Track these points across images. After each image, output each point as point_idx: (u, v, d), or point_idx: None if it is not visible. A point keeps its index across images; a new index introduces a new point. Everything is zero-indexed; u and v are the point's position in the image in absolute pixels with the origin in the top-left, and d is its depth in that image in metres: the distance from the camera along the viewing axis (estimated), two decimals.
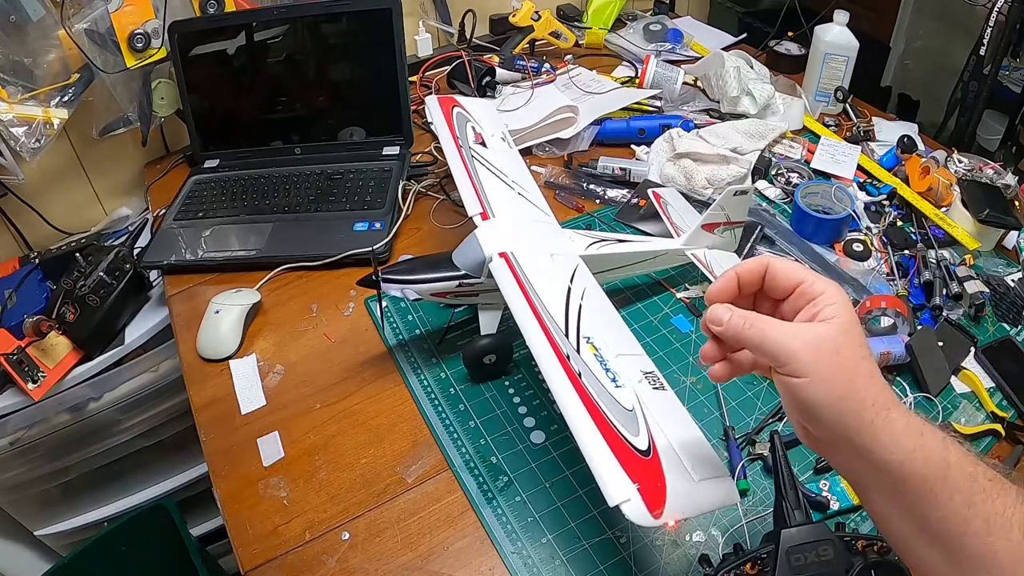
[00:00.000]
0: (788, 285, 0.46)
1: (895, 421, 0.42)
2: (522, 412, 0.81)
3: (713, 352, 0.49)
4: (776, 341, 0.44)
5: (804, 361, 0.43)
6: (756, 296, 0.50)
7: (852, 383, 0.43)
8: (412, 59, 1.49)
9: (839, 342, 0.43)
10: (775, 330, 0.44)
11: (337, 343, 0.92)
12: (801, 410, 0.44)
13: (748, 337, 0.45)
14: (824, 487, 0.70)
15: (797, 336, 0.44)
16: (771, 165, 1.15)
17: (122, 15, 1.08)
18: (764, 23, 1.61)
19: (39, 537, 1.19)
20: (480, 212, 0.85)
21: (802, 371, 0.43)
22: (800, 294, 0.46)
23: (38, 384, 0.99)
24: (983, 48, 1.17)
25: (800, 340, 0.43)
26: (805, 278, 0.46)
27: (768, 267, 0.47)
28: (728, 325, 0.46)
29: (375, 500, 0.74)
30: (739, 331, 0.46)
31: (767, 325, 0.45)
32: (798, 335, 0.44)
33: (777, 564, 0.55)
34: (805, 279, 0.46)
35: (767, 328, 0.45)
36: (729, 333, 0.46)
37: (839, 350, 0.43)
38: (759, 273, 0.47)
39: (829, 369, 0.43)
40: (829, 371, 0.43)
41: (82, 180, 1.28)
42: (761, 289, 0.48)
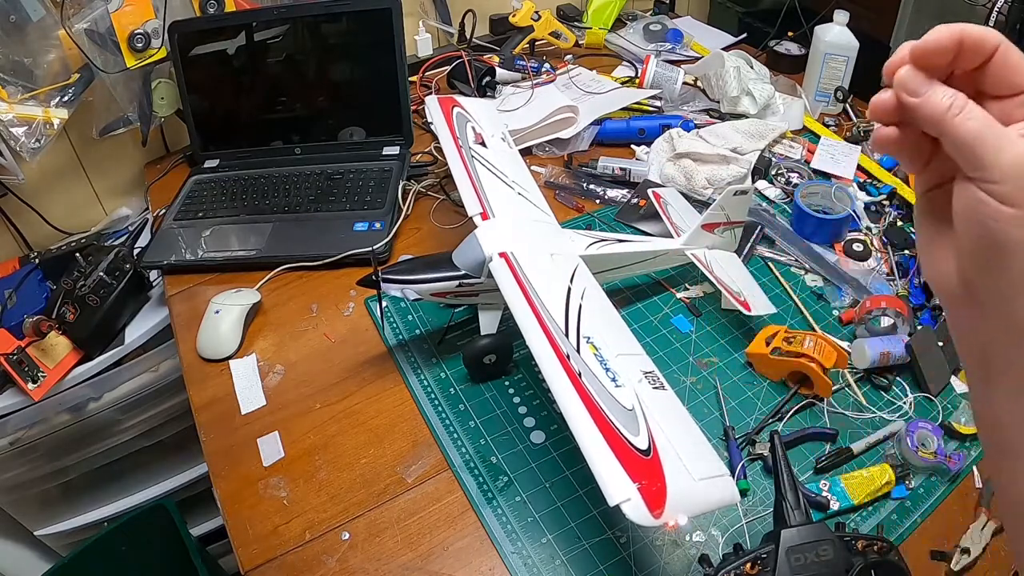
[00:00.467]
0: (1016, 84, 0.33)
1: None
2: (522, 412, 0.81)
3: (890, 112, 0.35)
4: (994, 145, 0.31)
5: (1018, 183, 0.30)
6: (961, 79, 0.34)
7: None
8: (412, 59, 1.49)
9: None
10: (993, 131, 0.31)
11: (337, 343, 0.92)
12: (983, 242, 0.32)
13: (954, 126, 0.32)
14: (824, 487, 0.70)
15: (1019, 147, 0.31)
16: (771, 165, 1.15)
17: (122, 15, 1.08)
18: (764, 23, 1.61)
19: (39, 537, 1.19)
20: (480, 212, 0.85)
21: (1012, 198, 0.30)
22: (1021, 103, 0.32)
23: (38, 384, 0.99)
24: None
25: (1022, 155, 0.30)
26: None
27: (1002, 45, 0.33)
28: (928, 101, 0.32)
29: (375, 500, 0.74)
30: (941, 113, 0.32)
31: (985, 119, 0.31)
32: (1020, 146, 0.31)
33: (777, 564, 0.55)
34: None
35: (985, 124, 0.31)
36: (924, 112, 0.32)
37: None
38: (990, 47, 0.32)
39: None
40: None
41: (82, 180, 1.28)
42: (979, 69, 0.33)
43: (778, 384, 0.83)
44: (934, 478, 0.73)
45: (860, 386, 0.82)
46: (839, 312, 0.92)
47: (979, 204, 0.32)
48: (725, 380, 0.83)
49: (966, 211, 0.33)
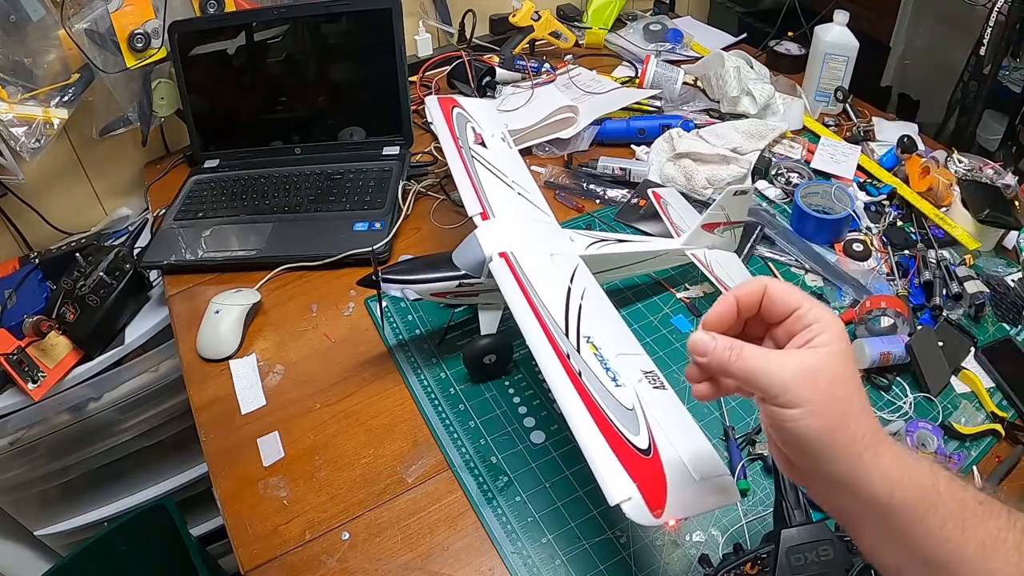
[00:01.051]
0: (785, 309, 0.44)
1: (883, 454, 0.41)
2: (522, 412, 0.81)
3: (697, 375, 0.46)
4: (765, 371, 0.42)
5: (796, 392, 0.41)
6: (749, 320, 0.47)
7: (844, 415, 0.41)
8: (412, 59, 1.49)
9: (833, 373, 0.42)
10: (764, 360, 0.42)
11: (337, 343, 0.92)
12: (788, 442, 0.43)
13: (735, 369, 0.43)
14: None
15: (788, 366, 0.42)
16: (771, 165, 1.15)
17: (122, 15, 1.08)
18: (764, 23, 1.61)
19: (39, 537, 1.19)
20: (480, 212, 0.85)
21: (793, 402, 0.41)
22: (796, 318, 0.44)
23: (38, 384, 0.99)
24: (983, 48, 1.17)
25: (791, 371, 0.41)
26: (802, 303, 0.44)
27: (766, 290, 0.45)
28: (713, 356, 0.44)
29: (375, 500, 0.74)
30: (724, 363, 0.44)
31: (755, 355, 0.43)
32: (789, 365, 0.42)
33: (777, 564, 0.55)
34: (802, 304, 0.44)
35: (755, 358, 0.43)
36: (714, 365, 0.44)
37: (833, 381, 0.42)
38: (758, 296, 0.45)
39: (822, 401, 0.41)
40: (822, 403, 0.41)
41: (82, 180, 1.28)
42: (757, 313, 0.46)
43: None
44: None
45: None
46: (839, 312, 0.92)
47: (772, 415, 0.42)
48: None
49: (770, 423, 0.43)
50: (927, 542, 0.40)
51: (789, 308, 0.44)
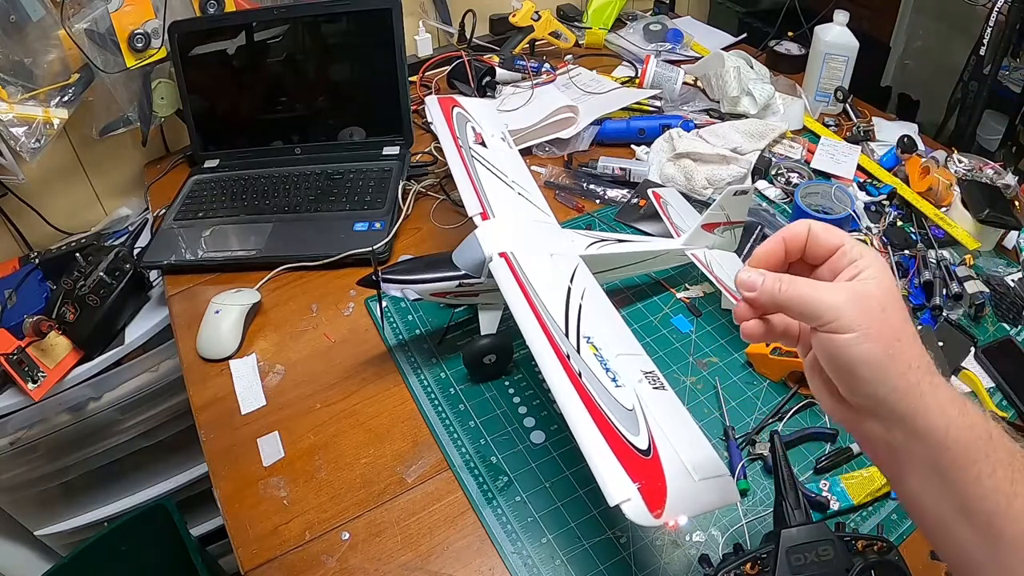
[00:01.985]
0: (828, 247, 0.44)
1: (939, 387, 0.41)
2: (522, 412, 0.81)
3: (747, 312, 0.46)
4: (818, 298, 0.42)
5: (850, 316, 0.40)
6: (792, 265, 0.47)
7: (899, 342, 0.41)
8: (412, 59, 1.49)
9: (884, 300, 0.41)
10: (816, 288, 0.42)
11: (337, 343, 0.92)
12: (843, 369, 0.42)
13: (786, 298, 0.43)
14: (824, 487, 0.70)
15: (840, 292, 0.42)
16: (771, 165, 1.15)
17: (122, 15, 1.08)
18: (764, 23, 1.61)
19: (39, 537, 1.19)
20: (480, 212, 0.85)
21: (848, 326, 0.40)
22: (841, 254, 0.44)
23: (38, 384, 0.99)
24: (983, 48, 1.17)
25: (843, 296, 0.41)
26: (845, 240, 0.44)
27: (810, 229, 0.45)
28: (762, 289, 0.44)
29: (375, 500, 0.74)
30: (774, 293, 0.43)
31: (805, 284, 0.43)
32: (841, 291, 0.42)
33: (777, 564, 0.55)
34: (846, 241, 0.44)
35: (805, 287, 0.43)
36: (764, 298, 0.44)
37: (885, 307, 0.41)
38: (803, 236, 0.45)
39: (876, 326, 0.40)
40: (876, 328, 0.40)
41: (82, 180, 1.28)
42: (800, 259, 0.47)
43: (778, 384, 0.83)
44: None
45: None
46: None
47: (827, 343, 0.42)
48: (725, 380, 0.83)
49: (823, 352, 0.43)
50: (975, 489, 0.39)
51: (833, 245, 0.44)
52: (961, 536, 0.40)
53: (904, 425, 0.41)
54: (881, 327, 0.41)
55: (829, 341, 0.41)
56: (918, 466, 0.41)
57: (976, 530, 0.39)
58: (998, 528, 0.39)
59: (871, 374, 0.41)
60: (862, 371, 0.41)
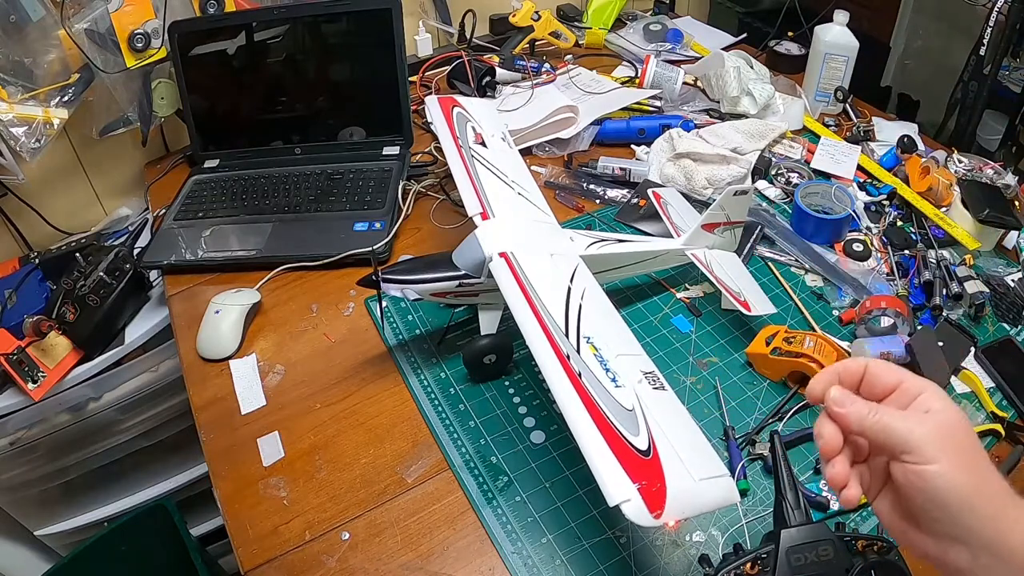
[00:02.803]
0: (888, 385, 0.45)
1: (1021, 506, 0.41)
2: (522, 412, 0.81)
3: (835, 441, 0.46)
4: (904, 428, 0.42)
5: (935, 448, 0.41)
6: None
7: (987, 469, 0.42)
8: (412, 59, 1.49)
9: (967, 429, 0.42)
10: (900, 418, 0.43)
11: (337, 343, 0.92)
12: (929, 500, 0.42)
13: (872, 423, 0.43)
14: (824, 487, 0.70)
15: (925, 423, 0.42)
16: (771, 165, 1.15)
17: (122, 15, 1.08)
18: (764, 23, 1.61)
19: (39, 537, 1.19)
20: (480, 212, 0.85)
21: (933, 457, 0.41)
22: (903, 392, 0.45)
23: (38, 384, 0.98)
24: (983, 48, 1.17)
25: (929, 427, 0.42)
26: (905, 377, 0.45)
27: (867, 368, 0.46)
28: (852, 409, 0.45)
29: (375, 500, 0.74)
30: (862, 417, 0.44)
31: (892, 413, 0.43)
32: (926, 422, 0.42)
33: (777, 564, 0.55)
34: (905, 378, 0.45)
35: (893, 415, 0.43)
36: (852, 418, 0.44)
37: (968, 436, 0.42)
38: (859, 374, 0.46)
39: (961, 456, 0.41)
40: (961, 458, 0.41)
41: (82, 180, 1.28)
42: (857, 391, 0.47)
43: (778, 384, 0.83)
44: None
45: None
46: (839, 312, 0.92)
47: (912, 475, 0.42)
48: (725, 380, 0.83)
49: (910, 486, 0.42)
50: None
51: (893, 382, 0.45)
52: None
53: (992, 550, 0.41)
54: (966, 456, 0.41)
55: (916, 472, 0.42)
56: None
57: None
58: None
59: (958, 504, 0.41)
60: (951, 502, 0.41)
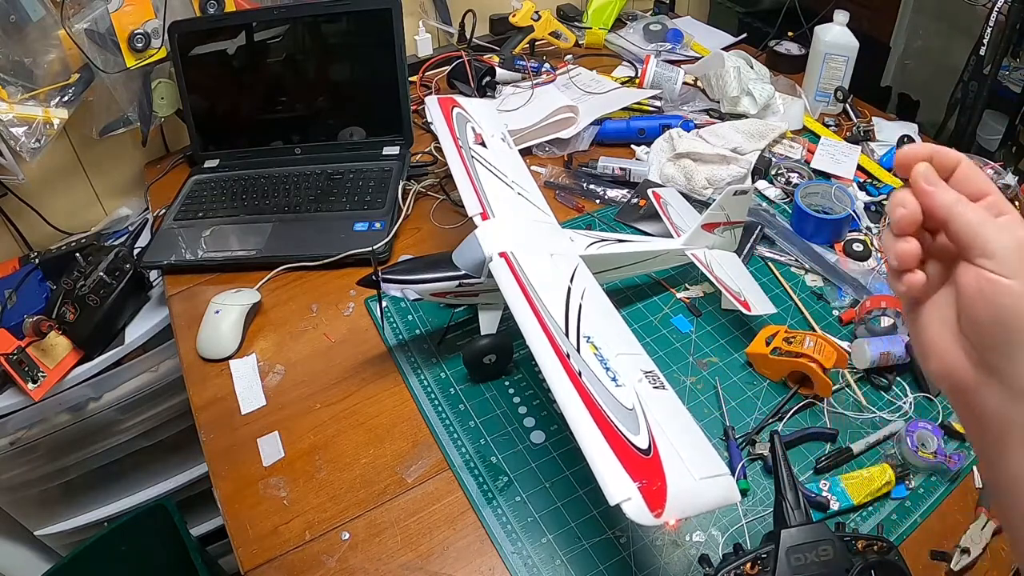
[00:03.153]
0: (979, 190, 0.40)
1: None
2: (522, 412, 0.81)
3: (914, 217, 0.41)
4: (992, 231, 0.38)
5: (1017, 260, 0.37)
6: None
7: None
8: (412, 59, 1.49)
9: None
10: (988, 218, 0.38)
11: (337, 343, 0.92)
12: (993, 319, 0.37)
13: (960, 213, 0.39)
14: (824, 487, 0.70)
15: (1013, 231, 0.38)
16: (771, 165, 1.15)
17: (122, 15, 1.08)
18: (764, 23, 1.61)
19: (39, 537, 1.19)
20: (480, 212, 0.85)
21: (1014, 272, 0.37)
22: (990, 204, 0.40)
23: (38, 384, 0.98)
24: (983, 48, 1.17)
25: (1015, 240, 0.37)
26: (994, 191, 0.40)
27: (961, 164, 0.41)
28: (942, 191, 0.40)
29: (375, 500, 0.74)
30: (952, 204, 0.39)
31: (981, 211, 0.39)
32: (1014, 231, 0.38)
33: (777, 564, 0.55)
34: (994, 192, 0.40)
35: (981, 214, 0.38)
36: (940, 200, 0.39)
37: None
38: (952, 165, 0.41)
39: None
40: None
41: (82, 180, 1.28)
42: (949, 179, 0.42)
43: (778, 384, 0.83)
44: (934, 478, 0.73)
45: (860, 386, 0.82)
46: (839, 312, 0.92)
47: (986, 283, 0.37)
48: (725, 380, 0.83)
49: (974, 293, 0.38)
50: None
51: (984, 189, 0.40)
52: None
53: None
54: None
55: (992, 284, 0.37)
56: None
57: None
58: None
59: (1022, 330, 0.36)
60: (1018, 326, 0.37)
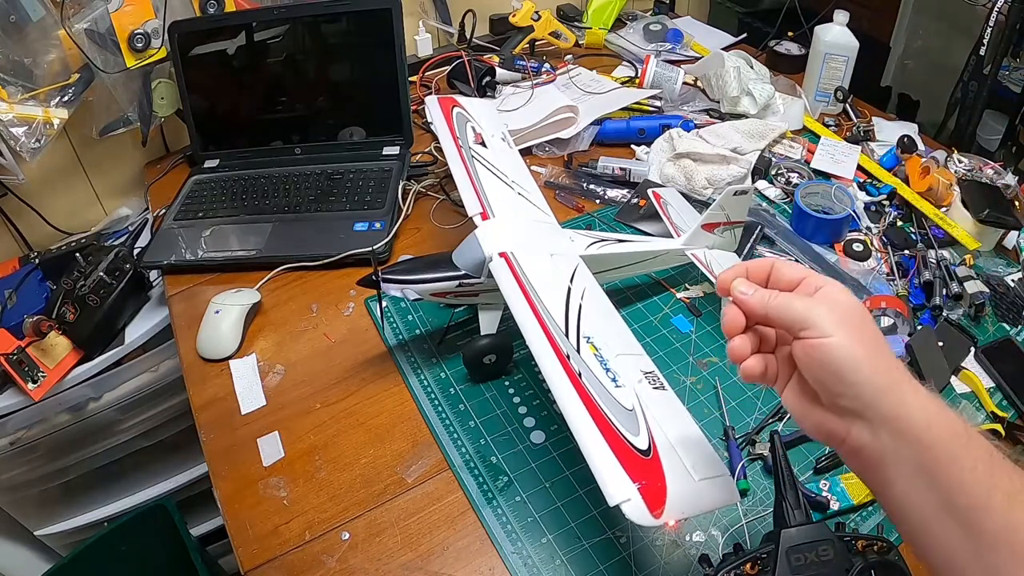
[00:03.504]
0: (793, 279, 0.48)
1: (918, 388, 0.43)
2: (522, 412, 0.81)
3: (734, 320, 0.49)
4: (804, 307, 0.45)
5: (831, 321, 0.44)
6: None
7: (882, 345, 0.44)
8: (412, 59, 1.49)
9: (859, 312, 0.45)
10: (799, 298, 0.46)
11: (337, 343, 0.92)
12: (828, 374, 0.44)
13: (774, 305, 0.47)
14: (824, 487, 0.70)
15: (822, 302, 0.45)
16: (771, 165, 1.15)
17: (122, 15, 1.08)
18: (764, 23, 1.61)
19: (39, 537, 1.19)
20: (480, 212, 0.85)
21: (829, 331, 0.44)
22: (806, 285, 0.48)
23: (38, 384, 0.98)
24: (983, 48, 1.17)
25: (826, 305, 0.45)
26: (808, 273, 0.48)
27: (774, 266, 0.50)
28: (755, 295, 0.48)
29: (375, 500, 0.74)
30: (765, 301, 0.47)
31: (790, 296, 0.47)
32: (822, 301, 0.45)
33: (777, 564, 0.55)
34: (809, 274, 0.48)
35: (790, 298, 0.46)
36: (755, 301, 0.48)
37: (863, 318, 0.45)
38: (766, 271, 0.50)
39: (857, 331, 0.44)
40: (857, 333, 0.44)
41: (82, 180, 1.28)
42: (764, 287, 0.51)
43: None
44: None
45: None
46: None
47: (811, 349, 0.44)
48: (725, 380, 0.83)
49: (809, 359, 0.45)
50: (957, 484, 0.41)
51: (797, 277, 0.48)
52: (944, 536, 0.41)
53: (889, 426, 0.43)
54: (861, 333, 0.44)
55: (814, 347, 0.44)
56: (903, 468, 0.43)
57: (959, 527, 0.41)
58: (979, 523, 0.40)
59: (857, 374, 0.43)
60: (848, 372, 0.43)
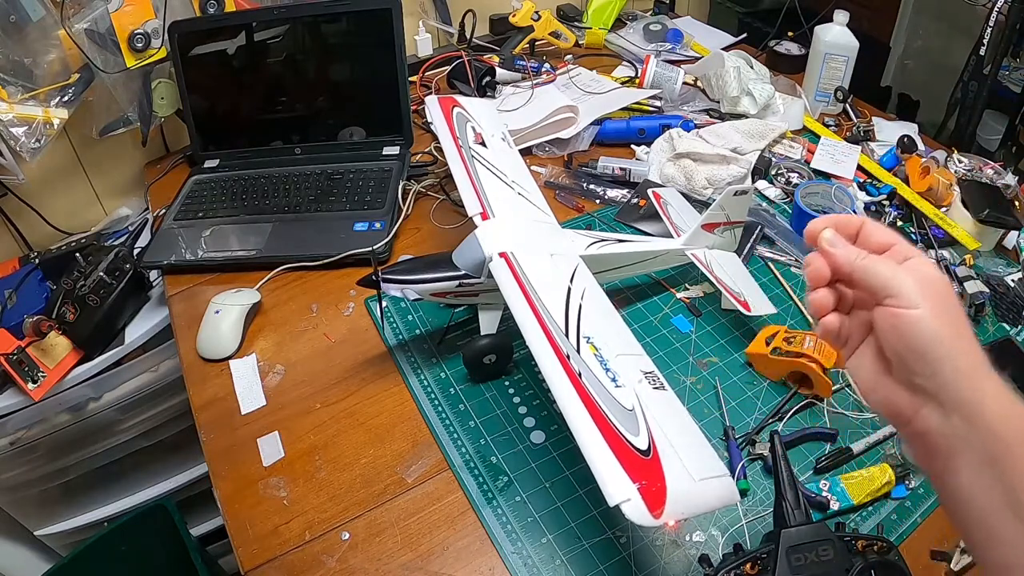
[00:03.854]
0: (882, 243, 0.46)
1: (995, 376, 0.41)
2: (522, 412, 0.81)
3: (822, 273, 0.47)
4: (890, 272, 0.43)
5: (918, 294, 0.42)
6: None
7: (964, 325, 0.42)
8: (412, 59, 1.49)
9: (948, 289, 0.43)
10: (887, 264, 0.44)
11: (337, 343, 0.92)
12: (910, 348, 0.42)
13: (860, 265, 0.44)
14: (824, 487, 0.70)
15: (910, 271, 0.43)
16: (771, 165, 1.15)
17: (122, 15, 1.08)
18: (764, 23, 1.61)
19: (39, 537, 1.19)
20: (480, 212, 0.85)
21: (916, 303, 0.41)
22: (894, 252, 0.45)
23: (38, 384, 0.98)
24: (983, 48, 1.17)
25: (914, 275, 0.42)
26: (900, 240, 0.45)
27: (864, 224, 0.47)
28: (843, 250, 0.46)
29: (375, 500, 0.74)
30: (851, 260, 0.45)
31: (879, 258, 0.44)
32: (911, 271, 0.43)
33: (777, 564, 0.55)
34: (900, 241, 0.45)
35: (879, 260, 0.44)
36: (842, 258, 0.45)
37: (949, 293, 0.43)
38: (856, 227, 0.47)
39: (943, 305, 0.42)
40: (943, 306, 0.41)
41: (82, 180, 1.28)
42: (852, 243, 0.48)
43: (778, 384, 0.83)
44: None
45: None
46: None
47: (895, 318, 0.42)
48: (725, 380, 0.83)
49: (889, 330, 0.43)
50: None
51: (887, 241, 0.46)
52: (1005, 533, 0.39)
53: (964, 411, 0.40)
54: (947, 310, 0.42)
55: (898, 316, 0.42)
56: (971, 457, 0.40)
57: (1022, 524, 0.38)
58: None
59: (939, 351, 0.41)
60: (931, 348, 0.41)
